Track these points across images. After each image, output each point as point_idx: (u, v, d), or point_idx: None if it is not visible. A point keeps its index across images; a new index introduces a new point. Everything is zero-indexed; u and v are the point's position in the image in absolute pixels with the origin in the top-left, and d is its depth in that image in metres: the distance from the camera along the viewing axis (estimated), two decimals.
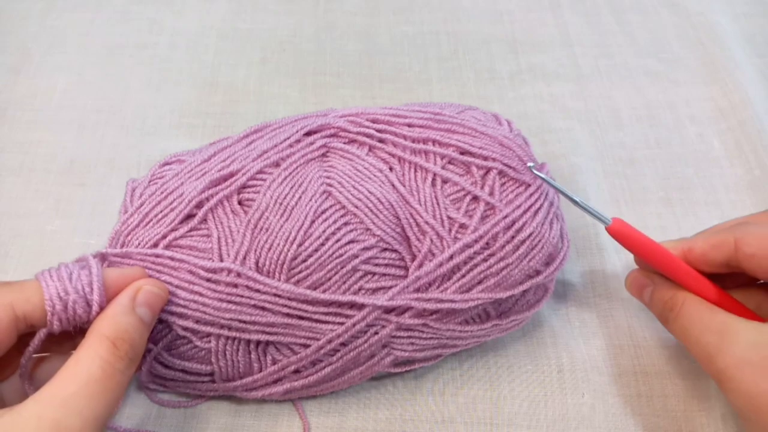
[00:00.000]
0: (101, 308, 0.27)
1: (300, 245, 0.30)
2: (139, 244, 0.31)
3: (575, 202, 0.31)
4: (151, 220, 0.31)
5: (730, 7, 0.54)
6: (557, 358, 0.36)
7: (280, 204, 0.31)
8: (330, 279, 0.30)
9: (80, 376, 0.24)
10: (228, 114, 0.47)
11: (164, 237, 0.31)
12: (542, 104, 0.48)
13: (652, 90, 0.49)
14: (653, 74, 0.50)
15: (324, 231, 0.30)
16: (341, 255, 0.30)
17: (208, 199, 0.31)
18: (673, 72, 0.50)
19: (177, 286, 0.30)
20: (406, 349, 0.32)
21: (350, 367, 0.32)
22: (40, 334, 0.26)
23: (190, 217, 0.31)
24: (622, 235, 0.31)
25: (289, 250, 0.30)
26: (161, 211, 0.31)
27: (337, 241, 0.30)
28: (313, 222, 0.30)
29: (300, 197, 0.31)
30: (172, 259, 0.30)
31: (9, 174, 0.43)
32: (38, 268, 0.38)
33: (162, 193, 0.32)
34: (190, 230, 0.31)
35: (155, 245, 0.31)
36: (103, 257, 0.31)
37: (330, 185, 0.31)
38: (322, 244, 0.30)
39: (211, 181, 0.31)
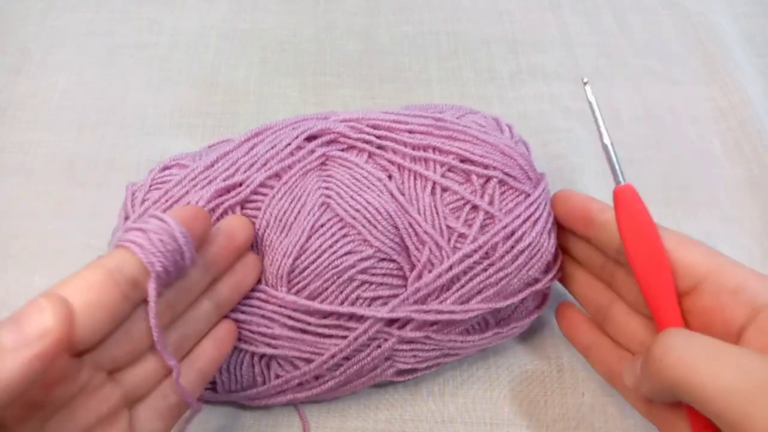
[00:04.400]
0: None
1: (296, 259, 0.30)
2: None
3: (603, 145, 0.32)
4: None
5: (730, 7, 0.54)
6: (557, 358, 0.36)
7: (280, 221, 0.31)
8: (327, 289, 0.30)
9: None
10: (228, 114, 0.47)
11: None
12: (542, 104, 0.48)
13: (652, 90, 0.49)
14: (653, 74, 0.50)
15: (321, 245, 0.30)
16: (337, 266, 0.30)
17: (213, 210, 0.31)
18: (673, 72, 0.50)
19: None
20: (409, 362, 0.32)
21: (353, 379, 0.32)
22: (152, 284, 0.24)
23: None
24: (628, 202, 0.30)
25: (285, 265, 0.30)
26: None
27: (334, 253, 0.30)
28: (309, 237, 0.30)
29: (299, 212, 0.31)
30: None
31: (9, 174, 0.43)
32: (38, 268, 0.39)
33: (167, 201, 0.31)
34: None
35: None
36: None
37: (328, 196, 0.31)
38: (319, 257, 0.30)
39: (216, 191, 0.31)
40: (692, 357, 0.24)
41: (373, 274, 0.31)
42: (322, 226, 0.31)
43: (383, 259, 0.31)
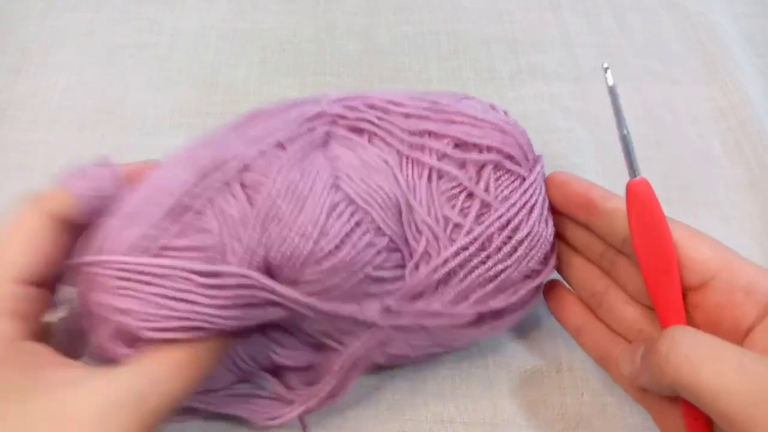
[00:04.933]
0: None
1: (316, 243, 0.27)
2: (122, 247, 0.27)
3: (622, 135, 0.29)
4: (135, 220, 0.27)
5: (730, 7, 0.54)
6: (556, 358, 0.36)
7: (293, 192, 0.27)
8: (340, 286, 0.29)
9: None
10: (228, 114, 0.46)
11: (155, 239, 0.27)
12: (542, 104, 0.48)
13: (652, 90, 0.49)
14: (653, 74, 0.50)
15: (339, 230, 0.28)
16: (355, 262, 0.28)
17: (202, 190, 0.28)
18: (673, 72, 0.50)
19: (172, 298, 0.26)
20: (401, 348, 0.32)
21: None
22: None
23: (184, 211, 0.28)
24: (642, 197, 0.28)
25: (305, 248, 0.27)
26: (147, 209, 0.28)
27: (354, 245, 0.28)
28: (328, 217, 0.28)
29: (312, 187, 0.28)
30: (161, 266, 0.26)
31: (9, 174, 0.43)
32: None
33: (148, 187, 0.28)
34: (184, 227, 0.27)
35: (144, 251, 0.27)
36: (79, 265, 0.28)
37: (338, 176, 0.29)
38: (337, 247, 0.28)
39: (203, 172, 0.28)
40: (699, 356, 0.24)
41: (383, 269, 0.30)
42: (335, 207, 0.28)
43: (391, 250, 0.30)
